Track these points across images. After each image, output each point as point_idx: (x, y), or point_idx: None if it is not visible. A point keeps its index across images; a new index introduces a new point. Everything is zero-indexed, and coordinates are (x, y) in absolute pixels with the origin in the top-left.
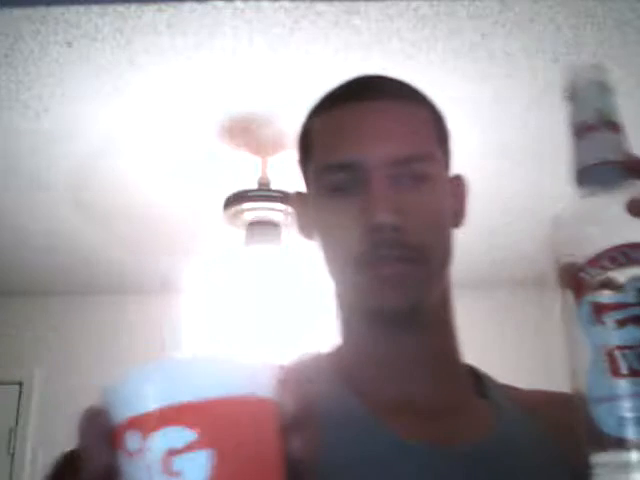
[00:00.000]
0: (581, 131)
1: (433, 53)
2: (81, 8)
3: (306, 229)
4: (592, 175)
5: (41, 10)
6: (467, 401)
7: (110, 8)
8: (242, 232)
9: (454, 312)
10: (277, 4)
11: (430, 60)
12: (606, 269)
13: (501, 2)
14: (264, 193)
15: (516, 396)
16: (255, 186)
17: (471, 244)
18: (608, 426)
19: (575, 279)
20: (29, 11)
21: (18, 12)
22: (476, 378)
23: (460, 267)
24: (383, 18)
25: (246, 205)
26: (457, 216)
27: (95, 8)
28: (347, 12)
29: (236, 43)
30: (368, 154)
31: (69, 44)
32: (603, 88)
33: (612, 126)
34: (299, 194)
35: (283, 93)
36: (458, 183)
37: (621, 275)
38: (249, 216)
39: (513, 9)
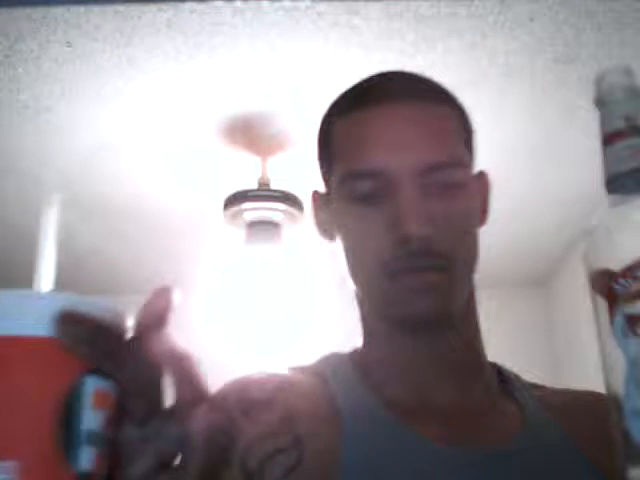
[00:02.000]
0: (610, 138)
1: (433, 53)
2: (81, 8)
3: (326, 230)
4: (623, 183)
5: (41, 10)
6: (492, 403)
7: (110, 8)
8: (242, 232)
9: (478, 313)
10: (277, 4)
11: (430, 60)
12: (639, 280)
13: (501, 2)
14: (264, 193)
15: (542, 397)
16: (255, 186)
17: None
18: None
19: (608, 290)
20: (29, 11)
21: (18, 12)
22: (502, 378)
23: None
24: (383, 18)
25: (246, 205)
26: (482, 214)
27: (95, 8)
28: (347, 12)
29: (236, 43)
30: (396, 163)
31: (69, 44)
32: (632, 92)
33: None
34: (318, 193)
35: (283, 93)
36: (482, 180)
37: None
38: (249, 216)
39: (513, 9)
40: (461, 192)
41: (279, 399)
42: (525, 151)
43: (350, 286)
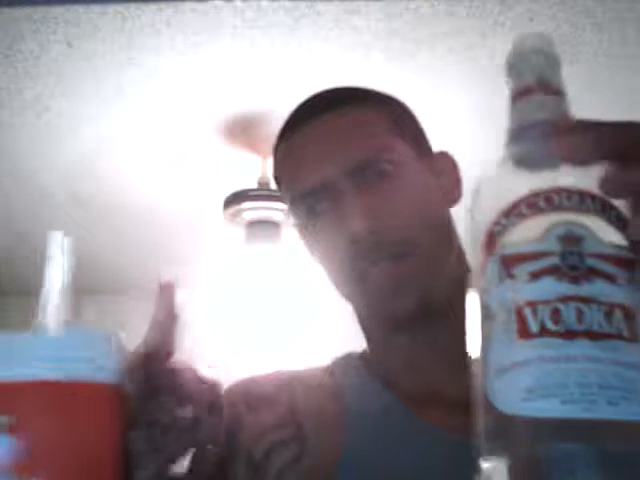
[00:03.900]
0: (518, 94)
1: (433, 53)
2: (81, 8)
3: (308, 251)
4: (524, 135)
5: (41, 10)
6: None
7: (110, 8)
8: (242, 232)
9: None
10: (277, 4)
11: (430, 60)
12: (524, 217)
13: (501, 2)
14: (264, 193)
15: None
16: (255, 186)
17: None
18: (507, 403)
19: (487, 235)
20: (29, 11)
21: (18, 12)
22: None
23: None
24: (383, 18)
25: (246, 205)
26: (448, 194)
27: (95, 8)
28: (347, 12)
29: (236, 43)
30: (327, 172)
31: (69, 44)
32: (547, 57)
33: (552, 90)
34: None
35: (283, 93)
36: (443, 161)
37: (540, 222)
38: (249, 216)
39: (513, 9)
40: (400, 177)
41: (283, 394)
42: None
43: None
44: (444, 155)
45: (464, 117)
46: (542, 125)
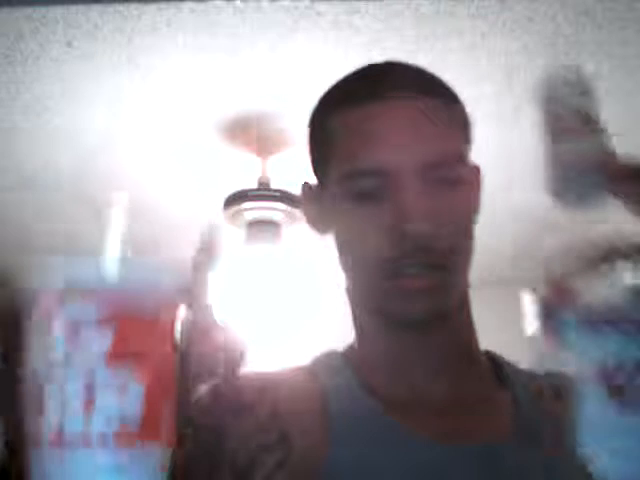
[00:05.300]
0: (559, 133)
1: (433, 52)
2: (81, 8)
3: (319, 224)
4: (572, 183)
5: (41, 10)
6: (486, 396)
7: (110, 8)
8: (242, 232)
9: (471, 305)
10: (277, 4)
11: (430, 60)
12: (602, 272)
13: (501, 2)
14: (264, 193)
15: (535, 384)
16: (255, 186)
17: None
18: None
19: (562, 287)
20: (29, 11)
21: (18, 12)
22: (495, 366)
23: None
24: (383, 17)
25: (246, 205)
26: (476, 210)
27: (95, 8)
28: (347, 12)
29: (236, 43)
30: (399, 161)
31: (69, 44)
32: (581, 88)
33: (592, 127)
34: (310, 187)
35: (283, 93)
36: (476, 175)
37: (620, 276)
38: (249, 216)
39: (513, 9)
40: (462, 188)
41: (266, 397)
42: (525, 151)
43: (342, 282)
44: (477, 169)
45: None
46: (586, 174)
